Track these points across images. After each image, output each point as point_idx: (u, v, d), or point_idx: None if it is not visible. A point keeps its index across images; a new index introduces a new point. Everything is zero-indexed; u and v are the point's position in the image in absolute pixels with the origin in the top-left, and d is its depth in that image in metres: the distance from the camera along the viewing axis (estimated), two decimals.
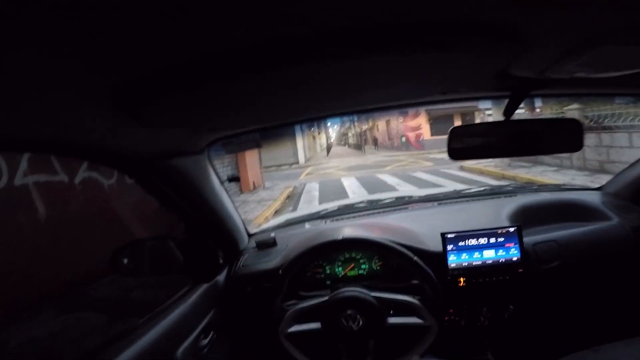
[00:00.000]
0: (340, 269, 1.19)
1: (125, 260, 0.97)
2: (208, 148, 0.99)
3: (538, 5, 0.35)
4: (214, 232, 1.13)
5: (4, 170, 2.38)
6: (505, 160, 7.97)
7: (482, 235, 1.10)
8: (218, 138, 0.94)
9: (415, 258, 1.05)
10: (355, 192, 7.46)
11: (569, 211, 1.32)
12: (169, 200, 0.96)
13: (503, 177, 7.33)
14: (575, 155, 6.69)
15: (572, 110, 6.71)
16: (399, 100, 0.82)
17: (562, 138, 0.76)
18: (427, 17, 0.36)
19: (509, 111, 0.70)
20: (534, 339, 1.26)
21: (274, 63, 0.41)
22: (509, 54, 0.48)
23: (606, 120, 6.11)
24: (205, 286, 1.07)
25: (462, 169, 9.10)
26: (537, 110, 8.85)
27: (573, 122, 0.75)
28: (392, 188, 7.54)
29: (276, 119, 0.83)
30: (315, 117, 0.87)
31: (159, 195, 0.93)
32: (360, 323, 0.99)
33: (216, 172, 1.07)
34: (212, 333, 1.02)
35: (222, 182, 1.11)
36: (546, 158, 7.55)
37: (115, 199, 3.27)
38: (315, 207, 5.92)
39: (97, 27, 0.30)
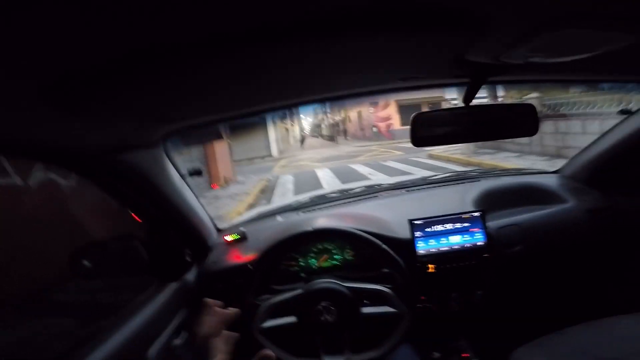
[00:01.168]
0: (313, 260, 1.19)
1: (86, 262, 0.91)
2: (163, 141, 0.93)
3: None
4: (179, 229, 1.08)
5: None
6: (471, 147, 8.30)
7: (448, 221, 1.13)
8: (174, 130, 0.88)
9: (384, 246, 1.06)
10: (329, 183, 7.50)
11: (529, 195, 1.38)
12: (126, 198, 0.91)
13: (469, 164, 7.62)
14: (535, 141, 7.09)
15: (531, 99, 7.06)
16: (358, 87, 0.81)
17: (519, 123, 0.78)
18: (384, 1, 0.35)
19: (468, 97, 0.72)
20: (505, 323, 1.30)
21: (226, 49, 0.38)
22: (466, 40, 0.48)
23: (562, 108, 6.48)
24: (173, 285, 1.04)
25: (430, 157, 9.37)
26: (500, 99, 9.25)
27: (528, 106, 0.78)
28: (364, 177, 7.64)
29: (234, 108, 0.79)
30: (276, 107, 0.84)
31: (114, 192, 0.88)
32: (335, 314, 0.99)
33: (176, 166, 1.02)
34: (183, 333, 0.99)
35: (184, 177, 1.06)
36: (508, 144, 7.93)
37: (75, 199, 3.09)
38: (290, 199, 5.89)
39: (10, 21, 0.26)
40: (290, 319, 1.01)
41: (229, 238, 1.24)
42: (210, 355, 0.73)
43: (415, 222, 1.12)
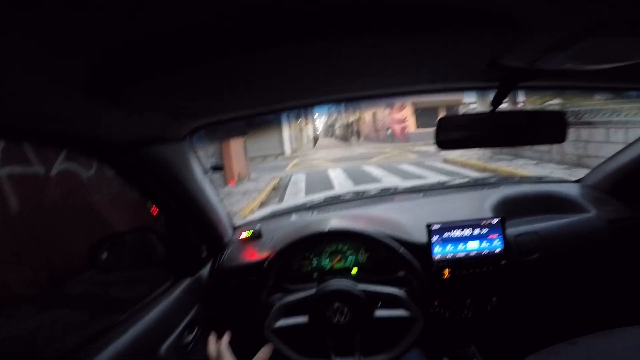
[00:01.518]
0: (327, 261, 1.18)
1: (104, 255, 0.93)
2: (190, 135, 0.94)
3: None
4: (197, 224, 1.09)
5: None
6: (487, 153, 8.16)
7: (467, 226, 1.11)
8: (201, 125, 0.90)
9: (401, 249, 1.05)
10: (341, 184, 7.49)
11: (549, 203, 1.35)
12: (149, 191, 0.92)
13: (484, 170, 7.49)
14: (555, 149, 6.92)
15: (553, 105, 6.90)
16: (386, 88, 0.80)
17: (547, 130, 0.77)
18: (419, 1, 0.35)
19: (496, 102, 0.70)
20: (516, 331, 1.28)
21: (260, 45, 0.39)
22: (502, 43, 0.47)
23: (585, 115, 6.30)
24: (188, 280, 1.05)
25: (445, 161, 9.26)
26: (520, 104, 9.06)
27: (558, 114, 0.76)
28: (377, 179, 7.61)
29: (262, 105, 0.80)
30: (300, 105, 0.84)
31: (138, 185, 0.89)
32: (348, 316, 0.98)
33: (200, 162, 1.03)
34: (196, 329, 1.00)
35: (206, 172, 1.07)
36: (527, 151, 7.76)
37: (94, 191, 3.17)
38: (302, 198, 5.91)
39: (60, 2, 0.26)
40: (302, 319, 1.01)
41: (244, 235, 1.24)
42: None
43: (433, 226, 1.10)
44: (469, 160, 8.39)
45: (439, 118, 0.70)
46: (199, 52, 0.39)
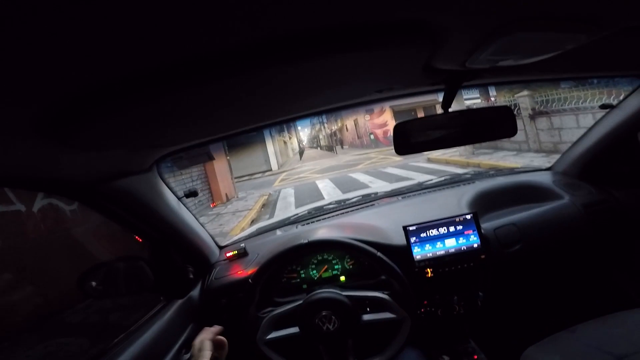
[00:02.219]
0: (314, 271, 1.21)
1: (93, 283, 0.94)
2: (157, 165, 0.95)
3: (442, 3, 0.38)
4: (181, 249, 1.11)
5: None
6: (469, 148, 8.33)
7: (441, 225, 1.14)
8: (165, 154, 0.91)
9: (379, 254, 1.06)
10: (330, 193, 7.51)
11: (524, 193, 1.39)
12: (126, 222, 0.94)
13: (468, 165, 7.64)
14: (532, 138, 7.14)
15: (523, 97, 7.14)
16: (337, 102, 0.84)
17: (498, 125, 0.81)
18: (345, 19, 0.38)
19: (445, 103, 0.75)
20: (513, 323, 1.30)
21: (208, 76, 0.41)
22: (429, 49, 0.50)
23: (554, 104, 6.54)
24: (179, 302, 1.06)
25: (429, 160, 9.40)
26: (492, 99, 9.34)
27: (505, 109, 0.80)
28: (365, 185, 7.66)
29: (220, 130, 0.81)
30: (256, 127, 0.86)
31: (113, 217, 0.90)
32: (336, 323, 1.00)
33: (171, 189, 1.05)
34: None
35: (180, 198, 1.09)
36: (505, 143, 7.97)
37: (79, 223, 3.13)
38: (292, 212, 5.85)
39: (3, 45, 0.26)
40: (293, 330, 1.02)
41: (230, 254, 1.26)
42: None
43: (410, 227, 1.13)
44: (452, 157, 8.55)
45: (394, 125, 0.74)
46: (148, 89, 0.40)
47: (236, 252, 1.26)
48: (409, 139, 0.75)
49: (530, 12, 0.43)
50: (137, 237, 1.01)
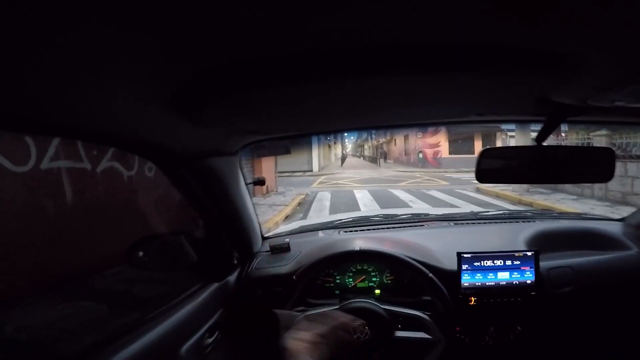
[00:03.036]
0: (350, 279, 1.19)
1: (141, 254, 0.98)
2: (241, 150, 1.01)
3: (586, 35, 0.34)
4: (232, 232, 1.14)
5: (33, 154, 2.47)
6: (524, 185, 7.81)
7: (498, 257, 1.09)
8: (254, 141, 0.97)
9: (431, 275, 1.06)
10: (366, 205, 7.42)
11: (587, 239, 1.30)
12: (195, 197, 0.98)
13: (520, 202, 7.17)
14: (597, 184, 6.51)
15: (599, 137, 6.54)
16: (434, 118, 0.82)
17: (593, 167, 0.74)
18: (472, 40, 0.36)
19: (542, 136, 0.69)
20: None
21: (316, 75, 0.42)
22: (553, 80, 0.47)
23: (634, 149, 5.91)
24: (215, 285, 1.08)
25: (478, 190, 8.96)
26: (563, 134, 8.63)
27: (606, 150, 0.73)
28: (405, 204, 7.47)
29: (310, 127, 0.85)
30: (346, 129, 0.89)
31: (186, 191, 0.95)
32: (368, 335, 0.98)
33: (243, 174, 1.09)
34: (217, 333, 1.02)
35: (247, 184, 1.12)
36: (567, 186, 7.36)
37: (133, 190, 3.34)
38: (325, 216, 5.90)
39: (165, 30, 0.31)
40: None
41: (273, 247, 1.27)
42: None
43: (464, 254, 1.09)
44: (503, 192, 8.07)
45: (482, 150, 0.70)
46: (262, 78, 0.43)
47: (280, 245, 1.27)
48: (495, 166, 0.70)
49: None
50: (193, 212, 1.04)
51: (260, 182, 1.11)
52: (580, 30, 0.33)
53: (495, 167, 0.71)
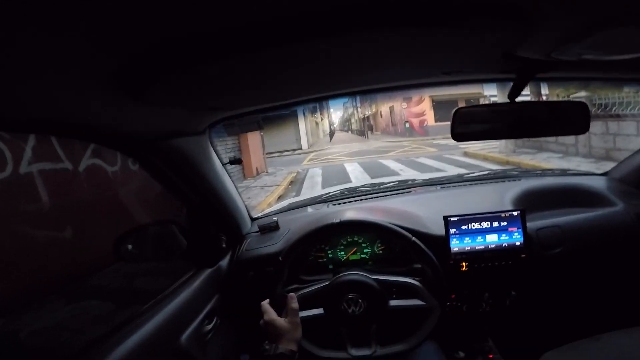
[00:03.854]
0: (342, 253, 1.19)
1: (129, 247, 0.97)
2: (209, 129, 0.97)
3: None
4: (217, 216, 1.13)
5: (9, 159, 2.39)
6: (510, 146, 7.91)
7: (485, 219, 1.09)
8: (220, 119, 0.93)
9: (414, 239, 1.05)
10: (358, 178, 7.45)
11: (573, 196, 1.31)
12: (171, 183, 0.96)
13: (507, 163, 7.28)
14: (581, 142, 6.64)
15: (579, 98, 6.59)
16: (400, 80, 0.80)
17: (568, 121, 0.75)
18: None
19: (514, 93, 0.69)
20: (535, 326, 1.26)
21: (275, 41, 0.40)
22: (516, 35, 0.46)
23: (614, 108, 6.00)
24: (208, 271, 1.08)
25: (466, 154, 9.05)
26: (544, 97, 8.71)
27: (579, 104, 0.74)
28: (395, 173, 7.52)
29: (277, 98, 0.82)
30: (315, 98, 0.86)
31: (160, 177, 0.93)
32: (362, 307, 0.99)
33: (218, 154, 1.06)
34: (215, 318, 1.03)
35: (224, 165, 1.10)
36: (551, 144, 7.48)
37: (119, 185, 3.28)
38: (318, 192, 5.93)
39: (100, 3, 0.29)
40: (318, 311, 1.02)
41: (261, 227, 1.27)
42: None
43: (451, 218, 1.09)
44: (491, 154, 8.16)
45: (455, 109, 0.69)
46: (216, 50, 0.40)
47: (268, 225, 1.27)
48: (469, 125, 0.70)
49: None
50: (176, 200, 1.02)
51: (237, 161, 1.08)
52: None
53: (470, 126, 0.71)
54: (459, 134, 0.71)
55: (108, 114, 0.59)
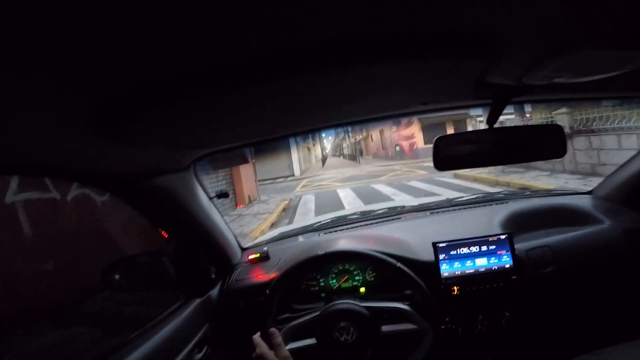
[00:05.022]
0: (334, 281, 1.19)
1: (117, 276, 0.96)
2: (194, 165, 0.97)
3: (509, 14, 0.36)
4: (206, 248, 1.12)
5: None
6: (499, 166, 8.06)
7: (474, 244, 1.10)
8: (203, 155, 0.93)
9: (399, 264, 1.05)
10: (351, 203, 7.46)
11: (560, 216, 1.33)
12: (157, 219, 0.95)
13: (497, 184, 7.39)
14: (567, 159, 6.80)
15: (561, 114, 6.82)
16: (380, 112, 0.82)
17: (547, 144, 0.77)
18: (403, 28, 0.37)
19: (491, 119, 0.71)
20: (533, 345, 1.25)
21: (253, 80, 0.41)
22: (486, 62, 0.48)
23: (594, 123, 6.21)
24: (198, 301, 1.06)
25: (456, 176, 9.16)
26: (527, 115, 8.97)
27: (555, 127, 0.76)
28: (387, 198, 7.55)
29: (260, 134, 0.83)
30: (297, 132, 0.87)
31: (147, 213, 0.92)
32: (354, 334, 0.98)
33: (204, 189, 1.06)
34: (205, 347, 1.01)
35: (211, 198, 1.10)
36: (539, 163, 7.64)
37: (108, 215, 3.24)
38: (312, 219, 5.86)
39: (65, 41, 0.28)
40: (310, 341, 1.00)
41: (252, 257, 1.26)
42: None
43: (439, 244, 1.10)
44: (480, 175, 8.29)
45: (435, 139, 0.71)
46: (195, 88, 0.41)
47: (258, 255, 1.26)
48: (450, 154, 0.72)
49: (601, 29, 0.40)
50: (164, 233, 1.02)
51: (224, 195, 1.09)
52: (496, 12, 0.35)
53: (451, 153, 0.72)
54: (441, 163, 0.72)
55: (84, 155, 0.58)
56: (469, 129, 14.82)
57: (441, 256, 1.10)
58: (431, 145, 0.73)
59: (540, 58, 0.47)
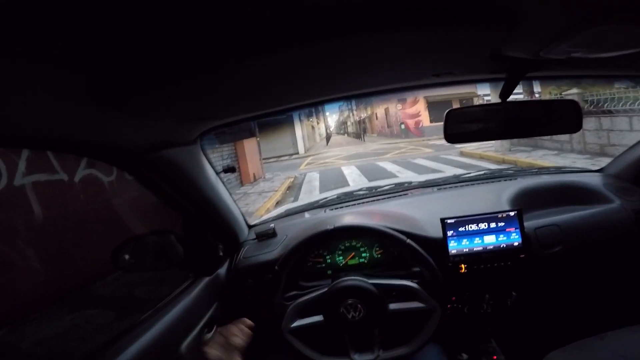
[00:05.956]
0: (340, 258, 1.19)
1: (127, 257, 0.97)
2: (201, 138, 0.96)
3: None
4: (213, 225, 1.12)
5: (3, 171, 2.38)
6: (506, 144, 7.96)
7: (483, 220, 1.09)
8: (210, 128, 0.92)
9: (408, 241, 1.04)
10: (355, 181, 7.46)
11: (570, 194, 1.31)
12: (164, 194, 0.95)
13: (503, 162, 7.31)
14: (576, 138, 6.69)
15: (571, 95, 6.65)
16: (391, 83, 0.80)
17: (561, 119, 0.75)
18: None
19: (504, 93, 0.69)
20: (539, 326, 1.25)
21: (265, 48, 0.39)
22: (503, 35, 0.46)
23: (606, 104, 6.06)
24: (206, 280, 1.07)
25: (462, 154, 9.09)
26: (536, 95, 8.78)
27: (571, 102, 0.74)
28: (392, 175, 7.53)
29: (269, 105, 0.81)
30: (308, 104, 0.85)
31: (154, 188, 0.92)
32: (362, 312, 0.98)
33: (211, 163, 1.05)
34: (215, 326, 1.02)
35: (218, 174, 1.09)
36: (546, 142, 7.53)
37: (116, 195, 3.27)
38: (316, 196, 5.89)
39: (68, 6, 0.27)
40: (318, 318, 1.02)
41: (259, 234, 1.27)
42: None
43: (448, 220, 1.09)
44: (487, 153, 8.21)
45: (447, 111, 0.70)
46: (202, 58, 0.40)
47: (265, 232, 1.26)
48: (462, 127, 0.70)
49: (626, 2, 0.38)
50: (172, 210, 1.02)
51: (231, 169, 1.08)
52: None
53: (463, 127, 0.71)
54: (451, 136, 0.71)
55: (92, 128, 0.58)
56: None
57: (449, 233, 1.09)
58: (437, 124, 0.72)
59: (561, 31, 0.44)
